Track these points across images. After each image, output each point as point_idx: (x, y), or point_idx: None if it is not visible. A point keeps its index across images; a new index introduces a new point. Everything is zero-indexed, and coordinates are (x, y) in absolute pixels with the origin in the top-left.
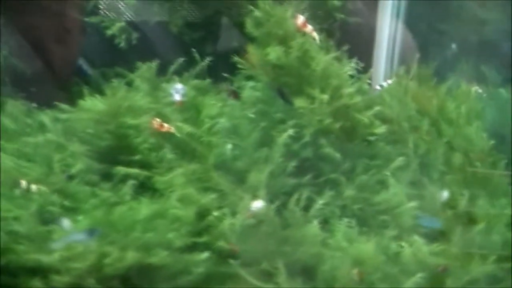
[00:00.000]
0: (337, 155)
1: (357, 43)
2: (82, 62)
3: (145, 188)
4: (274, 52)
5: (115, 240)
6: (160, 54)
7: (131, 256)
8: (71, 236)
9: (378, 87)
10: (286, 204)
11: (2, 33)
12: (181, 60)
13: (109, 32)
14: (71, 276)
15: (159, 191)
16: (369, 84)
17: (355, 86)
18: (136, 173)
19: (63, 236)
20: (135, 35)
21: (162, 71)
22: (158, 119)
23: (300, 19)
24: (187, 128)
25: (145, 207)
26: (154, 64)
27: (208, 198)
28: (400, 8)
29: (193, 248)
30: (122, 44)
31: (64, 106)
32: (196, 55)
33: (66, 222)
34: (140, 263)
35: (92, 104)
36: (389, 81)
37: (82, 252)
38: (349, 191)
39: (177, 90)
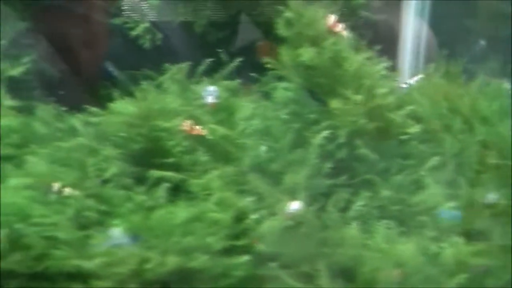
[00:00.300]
0: (372, 156)
1: (381, 41)
2: (108, 65)
3: (178, 191)
4: (307, 53)
5: (155, 244)
6: (184, 54)
7: (172, 261)
8: (114, 240)
9: (404, 85)
10: (323, 205)
11: (30, 37)
12: (208, 61)
13: (133, 33)
14: (112, 282)
15: (194, 194)
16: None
17: (387, 85)
18: (170, 176)
19: (106, 240)
20: (159, 35)
21: (188, 72)
22: (188, 122)
23: (331, 19)
24: (221, 130)
25: (182, 211)
26: (183, 66)
27: (245, 201)
28: (424, 5)
29: (231, 251)
30: (147, 45)
31: (93, 109)
32: (223, 56)
33: (117, 232)
34: (181, 267)
35: (123, 107)
36: (416, 79)
37: (123, 257)
38: (385, 192)
39: (210, 92)
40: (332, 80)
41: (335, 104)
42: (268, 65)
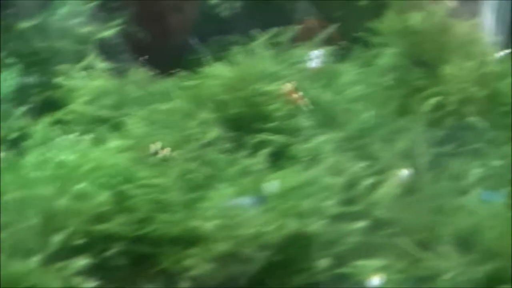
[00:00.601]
0: (482, 124)
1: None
2: (195, 30)
3: (279, 156)
4: (413, 19)
5: (272, 208)
6: (264, 21)
7: (291, 225)
8: (239, 200)
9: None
10: (433, 173)
11: (121, 1)
12: (297, 26)
13: (212, 1)
14: (228, 245)
15: (297, 159)
16: None
17: (493, 54)
18: (274, 141)
19: (231, 199)
20: (238, 3)
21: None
22: (289, 85)
23: None
24: (327, 95)
25: (295, 175)
26: (278, 30)
27: (357, 166)
28: None
29: (345, 217)
30: (225, 13)
31: (184, 73)
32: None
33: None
34: (298, 231)
35: (220, 70)
36: (506, 52)
37: (244, 219)
38: (495, 161)
39: (315, 57)
40: (439, 46)
41: (447, 70)
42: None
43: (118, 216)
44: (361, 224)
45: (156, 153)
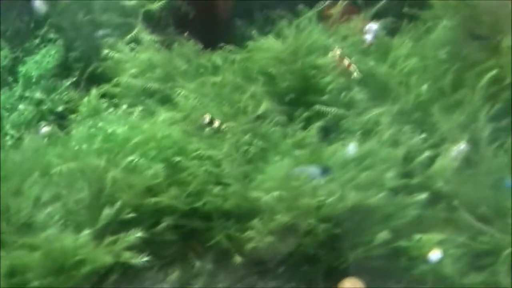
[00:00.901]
0: None
1: None
2: (240, 5)
3: (333, 129)
4: None
5: (332, 179)
6: None
7: (352, 196)
8: (303, 169)
9: None
10: (490, 148)
11: None
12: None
13: None
14: (288, 217)
15: (351, 132)
16: None
17: None
18: (327, 114)
19: (295, 168)
20: None
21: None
22: (338, 50)
23: None
24: (381, 68)
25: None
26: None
27: (416, 139)
28: None
29: (404, 190)
30: None
31: (231, 47)
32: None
33: (352, 146)
34: (358, 203)
35: (270, 44)
36: None
37: (304, 191)
38: None
39: (371, 30)
40: (495, 19)
41: (505, 42)
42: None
43: (170, 189)
44: (420, 197)
45: (209, 124)
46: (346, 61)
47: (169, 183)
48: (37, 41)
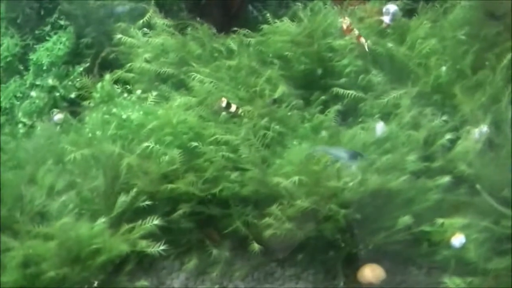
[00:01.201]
0: None
1: None
2: None
3: (351, 112)
4: None
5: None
6: None
7: (373, 180)
8: (332, 151)
9: None
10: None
11: None
12: None
13: None
14: (310, 202)
15: (370, 115)
16: None
17: None
18: (345, 96)
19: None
20: None
21: None
22: (348, 20)
23: None
24: (400, 50)
25: (372, 131)
26: None
27: (436, 122)
28: None
29: (425, 173)
30: None
31: (245, 31)
32: None
33: (380, 125)
34: (380, 187)
35: (286, 27)
36: None
37: (325, 175)
38: None
39: (389, 12)
40: None
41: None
42: None
43: (186, 176)
44: (443, 180)
45: (226, 108)
46: (356, 32)
47: (185, 170)
48: (47, 28)
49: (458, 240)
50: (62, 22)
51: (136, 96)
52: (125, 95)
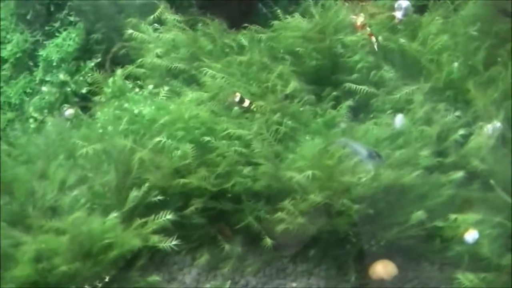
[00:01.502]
0: None
1: None
2: None
3: (363, 108)
4: None
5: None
6: None
7: (387, 175)
8: (355, 145)
9: None
10: None
11: None
12: None
13: None
14: (321, 197)
15: (382, 111)
16: None
17: None
18: (357, 92)
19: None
20: None
21: None
22: (361, 17)
23: None
24: (412, 46)
25: (386, 126)
26: None
27: (450, 117)
28: None
29: (439, 169)
30: None
31: (256, 27)
32: None
33: (399, 118)
34: (393, 182)
35: (297, 22)
36: None
37: (338, 170)
38: None
39: (401, 8)
40: None
41: None
42: None
43: (199, 171)
44: (456, 175)
45: (239, 102)
46: (368, 29)
47: (197, 164)
48: (57, 24)
49: (471, 235)
50: (71, 18)
51: (148, 91)
52: (137, 90)
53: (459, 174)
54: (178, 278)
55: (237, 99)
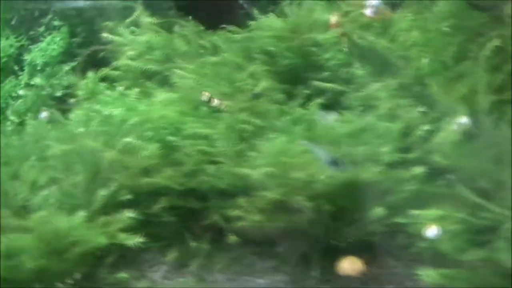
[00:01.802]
0: None
1: None
2: None
3: (333, 105)
4: None
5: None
6: None
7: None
8: (318, 150)
9: None
10: (492, 121)
11: None
12: None
13: None
14: (278, 193)
15: (351, 108)
16: None
17: None
18: (328, 90)
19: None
20: None
21: None
22: (336, 17)
23: None
24: (381, 42)
25: (350, 123)
26: None
27: (414, 113)
28: None
29: (401, 165)
30: None
31: (233, 27)
32: None
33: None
34: (351, 179)
35: (271, 22)
36: None
37: (295, 166)
38: None
39: (372, 5)
40: None
41: (507, 10)
42: None
43: (165, 170)
44: (417, 171)
45: (208, 101)
46: (340, 29)
47: (164, 164)
48: (41, 29)
49: (432, 231)
50: (56, 23)
51: (119, 93)
52: (108, 92)
53: (421, 169)
54: (147, 275)
55: (205, 98)
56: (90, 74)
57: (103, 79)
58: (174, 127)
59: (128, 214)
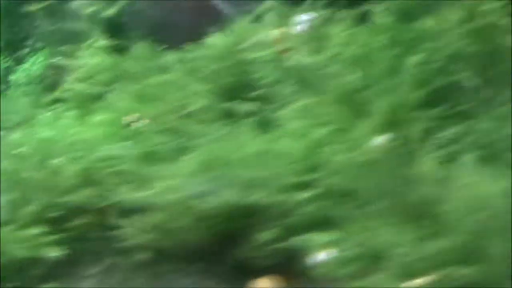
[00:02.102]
0: (473, 83)
1: None
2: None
3: (265, 124)
4: None
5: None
6: None
7: (230, 195)
8: None
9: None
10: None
11: None
12: None
13: None
14: (167, 214)
15: (272, 126)
16: None
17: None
18: (256, 109)
19: None
20: None
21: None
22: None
23: None
24: (307, 59)
25: (253, 143)
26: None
27: (320, 133)
28: None
29: (299, 186)
30: None
31: (191, 46)
32: None
33: None
34: (238, 203)
35: (215, 41)
36: None
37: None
38: (482, 124)
39: (303, 21)
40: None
41: (429, 23)
42: None
43: (85, 189)
44: (312, 193)
45: (129, 124)
46: (283, 46)
47: (84, 183)
48: (26, 50)
49: (321, 256)
50: (39, 45)
51: (54, 116)
52: (47, 114)
53: (315, 191)
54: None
55: (129, 119)
56: (44, 98)
57: (55, 101)
58: (95, 148)
59: (42, 230)
